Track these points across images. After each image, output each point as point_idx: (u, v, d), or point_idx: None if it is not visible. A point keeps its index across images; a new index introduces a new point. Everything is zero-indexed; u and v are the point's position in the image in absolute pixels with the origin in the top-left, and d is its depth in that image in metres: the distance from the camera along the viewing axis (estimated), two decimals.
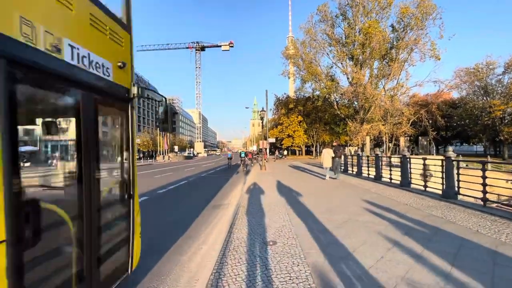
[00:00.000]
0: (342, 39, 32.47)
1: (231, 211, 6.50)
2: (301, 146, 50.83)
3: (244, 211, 6.01)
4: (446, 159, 7.16)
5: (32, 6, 1.45)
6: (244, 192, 8.82)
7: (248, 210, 6.08)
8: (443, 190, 7.31)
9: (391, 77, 29.25)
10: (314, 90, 35.18)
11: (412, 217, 5.28)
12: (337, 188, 9.61)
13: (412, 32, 28.16)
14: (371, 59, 30.27)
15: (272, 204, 6.65)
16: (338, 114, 37.86)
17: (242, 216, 5.62)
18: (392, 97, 29.12)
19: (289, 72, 37.63)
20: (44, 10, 1.54)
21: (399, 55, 28.83)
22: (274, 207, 6.30)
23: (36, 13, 1.46)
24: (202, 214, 6.31)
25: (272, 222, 5.13)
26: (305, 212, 5.87)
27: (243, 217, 5.51)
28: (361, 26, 29.53)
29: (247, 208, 6.24)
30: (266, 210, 6.06)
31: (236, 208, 6.50)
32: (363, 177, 12.60)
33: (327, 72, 33.94)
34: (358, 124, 30.20)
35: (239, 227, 4.88)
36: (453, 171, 7.02)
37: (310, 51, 33.19)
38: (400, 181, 9.43)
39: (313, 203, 6.82)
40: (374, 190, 9.08)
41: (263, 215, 5.66)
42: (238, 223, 5.11)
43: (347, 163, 15.34)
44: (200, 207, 6.89)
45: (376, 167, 11.37)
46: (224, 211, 6.69)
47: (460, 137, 48.52)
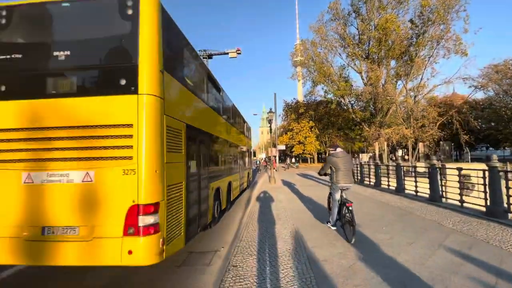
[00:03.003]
0: (355, 38, 30.70)
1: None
2: (312, 153, 48.55)
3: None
4: (490, 170, 5.37)
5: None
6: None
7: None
8: (486, 206, 5.49)
9: (412, 76, 26.90)
10: (327, 92, 33.26)
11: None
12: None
13: (433, 27, 25.88)
14: (388, 57, 28.16)
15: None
16: (353, 118, 35.54)
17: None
18: (415, 96, 26.53)
19: (299, 74, 36.15)
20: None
21: (419, 52, 26.53)
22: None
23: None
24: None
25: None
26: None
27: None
28: (377, 22, 27.53)
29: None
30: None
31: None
32: (382, 189, 10.74)
33: (340, 73, 32.03)
34: (377, 128, 27.83)
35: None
36: (499, 184, 5.23)
37: (321, 51, 31.61)
38: (429, 194, 7.57)
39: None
40: (398, 204, 7.30)
41: None
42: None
43: (363, 173, 13.42)
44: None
45: (397, 178, 9.50)
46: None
47: (487, 140, 44.65)
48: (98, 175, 3.07)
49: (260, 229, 5.40)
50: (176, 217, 3.64)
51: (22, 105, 3.20)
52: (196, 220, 4.62)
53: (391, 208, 7.06)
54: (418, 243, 4.25)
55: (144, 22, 3.17)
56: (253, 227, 5.61)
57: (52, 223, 3.08)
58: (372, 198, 9.01)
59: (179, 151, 3.84)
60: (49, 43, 3.40)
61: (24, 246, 3.09)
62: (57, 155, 3.13)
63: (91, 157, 3.09)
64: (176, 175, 3.71)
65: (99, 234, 3.02)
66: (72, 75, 3.33)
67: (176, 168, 3.74)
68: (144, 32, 3.16)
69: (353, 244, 4.26)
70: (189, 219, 4.17)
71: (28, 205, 3.12)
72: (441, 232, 4.75)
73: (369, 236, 4.70)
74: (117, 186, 3.04)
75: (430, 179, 7.53)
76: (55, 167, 3.12)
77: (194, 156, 4.61)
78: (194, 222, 4.47)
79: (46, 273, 3.88)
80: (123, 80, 3.10)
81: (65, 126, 3.12)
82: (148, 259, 3.05)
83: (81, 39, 3.39)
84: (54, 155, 3.13)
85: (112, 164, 3.06)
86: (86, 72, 3.36)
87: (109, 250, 3.00)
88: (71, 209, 3.07)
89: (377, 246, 4.16)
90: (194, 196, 4.50)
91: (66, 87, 3.31)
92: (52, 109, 3.16)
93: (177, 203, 3.68)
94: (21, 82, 3.32)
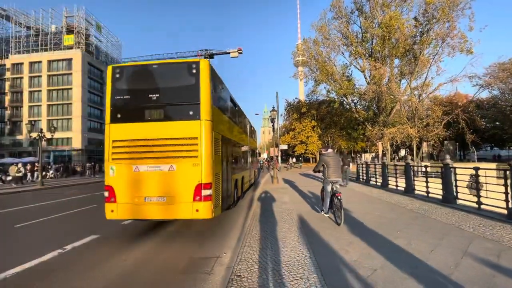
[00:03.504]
0: (358, 36, 30.22)
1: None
2: (315, 153, 48.07)
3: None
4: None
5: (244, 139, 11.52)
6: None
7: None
8: (509, 209, 5.13)
9: (416, 75, 26.37)
10: (329, 92, 32.79)
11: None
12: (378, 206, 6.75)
13: (438, 24, 25.39)
14: (392, 55, 27.65)
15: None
16: (356, 118, 35.05)
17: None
18: (420, 95, 26.00)
19: (300, 74, 35.67)
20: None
21: (424, 50, 26.03)
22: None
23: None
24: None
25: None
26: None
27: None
28: (381, 20, 27.07)
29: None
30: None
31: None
32: (390, 189, 10.34)
33: (343, 72, 31.54)
34: (381, 127, 27.32)
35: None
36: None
37: (324, 49, 31.14)
38: (442, 195, 7.18)
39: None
40: (410, 206, 6.91)
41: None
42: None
43: (369, 173, 13.00)
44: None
45: (406, 178, 9.10)
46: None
47: (491, 140, 43.98)
48: (178, 166, 5.19)
49: (265, 233, 5.04)
50: (218, 193, 5.73)
51: (131, 126, 5.42)
52: (226, 199, 6.68)
53: (403, 210, 6.68)
54: (440, 249, 3.86)
55: (202, 78, 5.37)
56: (256, 231, 5.24)
57: (150, 195, 5.18)
58: (380, 199, 8.62)
59: (218, 153, 5.90)
60: (146, 89, 5.55)
61: (135, 208, 5.16)
62: (153, 155, 5.26)
63: (173, 156, 5.20)
64: (218, 167, 5.80)
65: (178, 201, 5.12)
66: (160, 109, 5.45)
67: (218, 163, 5.84)
68: (203, 84, 5.36)
69: (372, 249, 3.89)
70: (223, 196, 6.24)
71: (136, 184, 5.20)
72: (463, 237, 4.36)
73: (385, 241, 4.32)
74: (189, 173, 5.14)
75: (444, 179, 7.13)
76: (151, 162, 5.24)
77: (225, 156, 6.73)
78: (225, 199, 6.53)
79: (46, 274, 3.55)
80: (191, 112, 5.31)
81: (157, 138, 5.30)
82: (206, 215, 5.12)
83: (165, 87, 5.62)
84: (151, 155, 5.26)
85: (186, 160, 5.20)
86: (169, 107, 5.47)
87: (184, 209, 5.09)
88: (161, 187, 5.17)
89: (395, 254, 3.77)
90: (225, 183, 6.55)
91: (157, 115, 5.43)
92: (148, 128, 5.38)
93: (218, 185, 5.78)
94: (130, 113, 5.48)
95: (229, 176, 7.16)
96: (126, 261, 4.29)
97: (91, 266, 4.09)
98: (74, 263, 4.24)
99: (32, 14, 52.65)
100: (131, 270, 3.93)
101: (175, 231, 6.09)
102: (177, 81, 5.59)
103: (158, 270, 3.95)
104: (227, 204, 6.82)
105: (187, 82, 5.47)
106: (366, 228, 5.18)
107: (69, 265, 4.16)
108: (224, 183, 6.42)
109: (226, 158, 6.78)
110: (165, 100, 5.46)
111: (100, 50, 57.54)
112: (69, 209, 9.05)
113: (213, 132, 5.49)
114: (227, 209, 6.99)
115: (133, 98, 5.53)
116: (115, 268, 3.99)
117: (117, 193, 5.26)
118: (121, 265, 4.11)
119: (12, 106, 50.55)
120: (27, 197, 13.01)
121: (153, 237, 5.61)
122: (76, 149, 47.73)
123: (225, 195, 6.55)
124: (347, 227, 5.26)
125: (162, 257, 4.50)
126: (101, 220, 7.30)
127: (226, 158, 6.85)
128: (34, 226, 6.81)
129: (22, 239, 5.75)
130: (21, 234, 6.20)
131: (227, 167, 6.94)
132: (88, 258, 4.46)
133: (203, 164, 5.15)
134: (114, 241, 5.39)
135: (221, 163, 6.10)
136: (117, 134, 5.41)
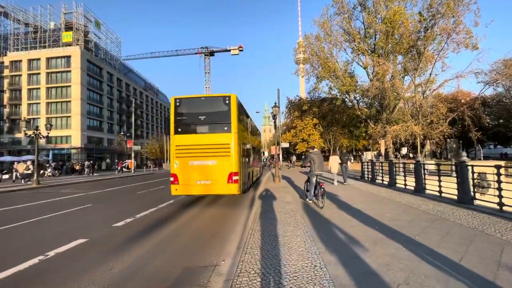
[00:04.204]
0: (361, 32, 29.61)
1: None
2: None
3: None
4: None
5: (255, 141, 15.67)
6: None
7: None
8: None
9: (420, 71, 25.78)
10: (331, 89, 32.22)
11: None
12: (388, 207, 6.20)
13: (443, 20, 24.78)
14: (395, 52, 27.05)
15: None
16: (358, 115, 34.49)
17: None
18: (424, 92, 25.41)
19: (302, 70, 35.06)
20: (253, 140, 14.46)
21: (428, 46, 25.43)
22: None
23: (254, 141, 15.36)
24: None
25: None
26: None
27: None
28: (384, 15, 26.46)
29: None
30: None
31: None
32: (398, 189, 9.84)
33: (345, 68, 30.97)
34: (384, 125, 26.78)
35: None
36: None
37: (326, 46, 30.53)
38: (457, 195, 6.69)
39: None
40: (423, 207, 6.42)
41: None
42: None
43: (375, 171, 12.51)
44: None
45: (417, 177, 8.61)
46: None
47: (495, 138, 43.35)
48: (217, 161, 8.29)
49: (268, 238, 4.56)
50: (241, 179, 8.69)
51: (187, 136, 8.57)
52: (245, 184, 9.97)
53: (417, 212, 6.19)
54: (469, 259, 3.38)
55: (232, 106, 8.48)
56: (258, 235, 4.77)
57: (200, 179, 8.30)
58: (390, 199, 8.14)
59: (240, 153, 8.83)
60: (196, 113, 8.67)
61: (190, 187, 8.39)
62: (202, 154, 8.37)
63: (215, 155, 8.32)
64: (241, 163, 8.80)
65: (218, 183, 8.26)
66: (206, 125, 8.60)
67: (241, 160, 8.78)
68: (232, 110, 8.46)
69: (391, 257, 3.40)
70: (244, 182, 9.36)
71: (191, 173, 8.31)
72: (491, 244, 3.88)
73: (403, 247, 3.83)
74: (224, 165, 8.23)
75: (459, 178, 6.62)
76: (201, 159, 8.35)
77: (244, 155, 9.77)
78: (245, 184, 9.72)
79: (45, 275, 3.09)
80: (225, 128, 8.45)
81: (204, 144, 8.41)
82: (235, 191, 8.29)
83: (209, 111, 8.66)
84: (200, 154, 8.38)
85: (222, 157, 8.31)
86: (212, 124, 8.58)
87: (221, 188, 8.32)
88: (207, 174, 8.28)
89: (417, 264, 3.28)
90: (244, 173, 9.66)
91: (204, 130, 8.59)
92: (199, 137, 8.54)
93: (241, 174, 8.73)
94: (186, 127, 8.61)
95: (246, 169, 10.42)
96: (112, 270, 3.81)
97: (71, 277, 3.61)
98: (55, 273, 3.77)
99: (30, 11, 52.17)
100: (116, 282, 3.45)
101: (171, 234, 5.60)
102: (217, 108, 8.80)
103: (147, 281, 3.48)
104: (245, 188, 9.98)
105: (223, 109, 8.66)
106: (381, 231, 4.69)
107: (48, 275, 3.69)
108: (244, 173, 9.68)
109: (244, 157, 9.93)
110: (209, 120, 8.70)
111: (99, 47, 56.99)
112: (61, 209, 8.58)
113: (238, 140, 8.70)
114: (244, 192, 9.76)
115: (188, 118, 8.81)
116: (98, 279, 3.51)
117: (179, 178, 8.44)
118: (106, 275, 3.63)
119: (11, 104, 50.13)
120: (19, 197, 12.55)
121: (147, 240, 5.13)
122: (76, 147, 47.32)
123: (245, 181, 9.86)
124: (358, 230, 4.78)
125: (154, 264, 4.02)
126: (91, 222, 6.88)
127: (244, 157, 10.00)
128: (18, 229, 6.34)
129: (1, 245, 5.27)
130: (1, 238, 5.72)
131: (245, 163, 10.09)
132: (71, 267, 3.98)
133: (233, 160, 8.36)
134: (102, 246, 4.92)
135: (242, 160, 9.28)
136: (178, 141, 8.63)
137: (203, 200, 10.03)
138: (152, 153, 56.39)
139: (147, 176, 27.92)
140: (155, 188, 15.05)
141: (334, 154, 14.76)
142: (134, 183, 18.59)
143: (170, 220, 6.84)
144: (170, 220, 6.84)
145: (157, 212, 7.88)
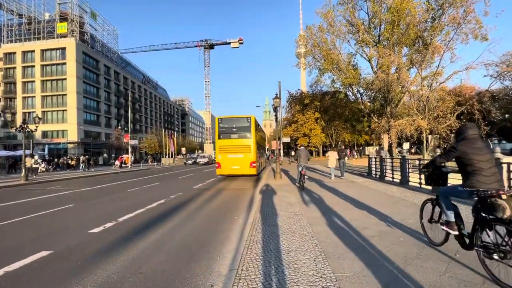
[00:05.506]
0: (365, 23, 28.42)
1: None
2: (318, 146, 46.63)
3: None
4: None
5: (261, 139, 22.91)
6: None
7: None
8: None
9: (426, 63, 24.69)
10: (334, 81, 31.17)
11: None
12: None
13: (451, 9, 23.62)
14: (401, 43, 25.93)
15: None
16: (361, 109, 33.44)
17: None
18: (431, 85, 24.38)
19: (303, 62, 33.90)
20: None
21: (435, 37, 24.32)
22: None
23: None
24: None
25: None
26: None
27: None
28: (390, 3, 25.27)
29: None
30: None
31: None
32: (412, 188, 8.98)
33: (349, 60, 29.85)
34: (388, 119, 25.81)
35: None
36: None
37: (329, 37, 29.33)
38: None
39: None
40: None
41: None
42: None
43: (384, 168, 11.62)
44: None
45: None
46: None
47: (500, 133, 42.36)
48: (244, 155, 15.49)
49: (268, 253, 3.69)
50: (257, 165, 16.12)
51: (226, 140, 15.95)
52: (258, 168, 17.00)
53: None
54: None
55: (252, 123, 15.72)
56: (257, 249, 3.90)
57: (234, 165, 15.63)
58: (405, 200, 7.28)
59: (256, 150, 15.84)
60: (231, 126, 15.98)
61: (228, 170, 15.82)
62: (234, 151, 15.57)
63: (242, 151, 15.50)
64: (257, 156, 16.09)
65: (244, 167, 15.46)
66: (236, 134, 15.86)
67: (256, 154, 16.04)
68: (252, 125, 15.70)
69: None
70: (258, 168, 16.88)
71: (228, 162, 15.66)
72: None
73: (442, 264, 2.94)
74: (248, 157, 15.45)
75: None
76: (234, 153, 15.57)
77: (258, 151, 17.03)
78: (258, 169, 17.24)
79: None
80: (248, 135, 15.73)
81: (236, 144, 15.72)
82: (254, 173, 15.55)
83: (238, 126, 15.90)
84: (233, 151, 15.58)
85: (246, 153, 15.51)
86: (240, 133, 15.81)
87: (246, 170, 15.45)
88: (238, 162, 15.54)
89: None
90: (259, 162, 17.44)
91: (235, 136, 15.85)
92: (232, 140, 15.87)
93: (257, 162, 16.11)
94: (225, 135, 15.96)
95: (259, 160, 16.91)
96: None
97: None
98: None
99: (24, 1, 50.78)
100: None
101: (152, 245, 4.70)
102: (242, 123, 15.53)
103: None
104: (259, 171, 16.78)
105: (246, 124, 15.47)
106: (411, 245, 3.81)
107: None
108: (259, 162, 16.62)
109: (258, 152, 16.28)
110: (238, 130, 15.52)
111: (95, 39, 55.69)
112: (35, 211, 7.64)
113: (255, 143, 15.42)
114: (257, 174, 16.48)
115: (226, 129, 15.67)
116: None
117: (221, 165, 15.45)
118: None
119: (5, 97, 49.13)
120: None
121: (121, 254, 4.22)
122: (72, 141, 46.50)
123: (258, 167, 16.55)
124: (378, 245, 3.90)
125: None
126: (64, 228, 5.80)
127: (258, 153, 16.18)
128: None
129: None
130: None
131: (258, 156, 16.49)
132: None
133: (252, 154, 15.14)
134: (69, 259, 4.04)
135: (257, 155, 16.11)
136: (220, 143, 15.64)
137: (202, 199, 9.17)
138: (151, 148, 55.34)
139: (144, 171, 27.09)
140: (147, 185, 14.20)
141: (332, 150, 15.45)
142: (128, 179, 17.76)
143: (155, 224, 5.94)
144: (156, 224, 5.94)
145: (143, 214, 6.99)
